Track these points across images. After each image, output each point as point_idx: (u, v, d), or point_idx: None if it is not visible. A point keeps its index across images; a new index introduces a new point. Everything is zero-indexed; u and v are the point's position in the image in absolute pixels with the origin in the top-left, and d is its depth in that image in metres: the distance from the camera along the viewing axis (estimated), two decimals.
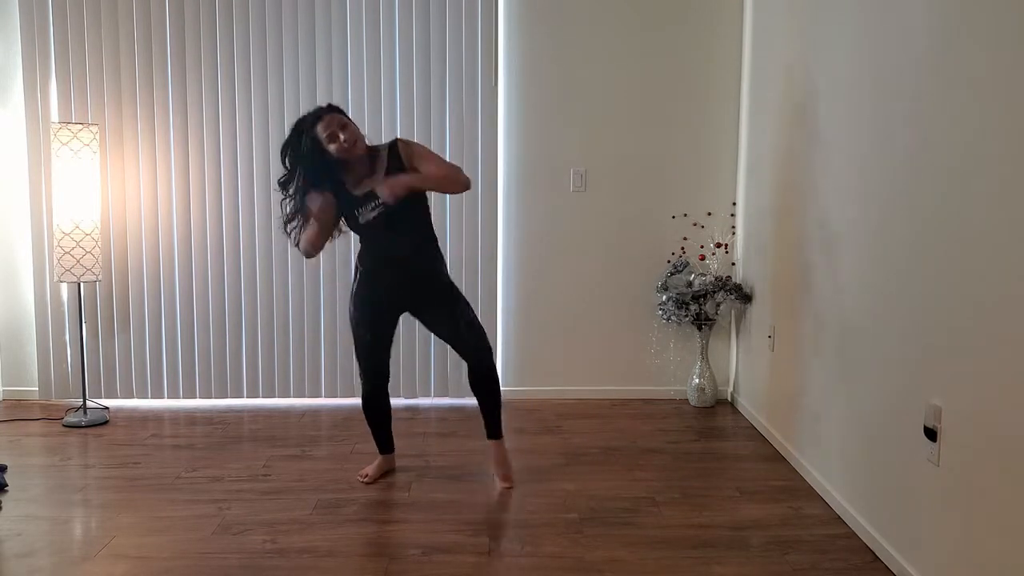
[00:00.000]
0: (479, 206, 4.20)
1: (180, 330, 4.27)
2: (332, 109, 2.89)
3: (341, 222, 3.01)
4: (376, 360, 3.08)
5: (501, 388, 3.12)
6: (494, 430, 3.13)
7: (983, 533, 1.95)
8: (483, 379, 3.05)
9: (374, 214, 2.89)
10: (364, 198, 2.90)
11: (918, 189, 2.29)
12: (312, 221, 2.88)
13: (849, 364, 2.78)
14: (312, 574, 2.41)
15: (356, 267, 3.07)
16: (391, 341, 3.10)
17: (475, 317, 3.07)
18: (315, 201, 2.86)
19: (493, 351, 3.12)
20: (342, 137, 2.81)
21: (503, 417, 3.15)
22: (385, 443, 3.22)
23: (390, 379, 3.16)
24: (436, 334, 3.15)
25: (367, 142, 2.93)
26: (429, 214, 3.05)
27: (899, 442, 2.38)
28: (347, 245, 4.24)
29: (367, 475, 3.16)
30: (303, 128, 2.84)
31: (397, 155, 2.93)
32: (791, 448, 3.34)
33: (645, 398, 4.32)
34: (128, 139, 4.15)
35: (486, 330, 3.09)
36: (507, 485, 3.08)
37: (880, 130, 2.54)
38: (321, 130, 2.81)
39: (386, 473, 3.21)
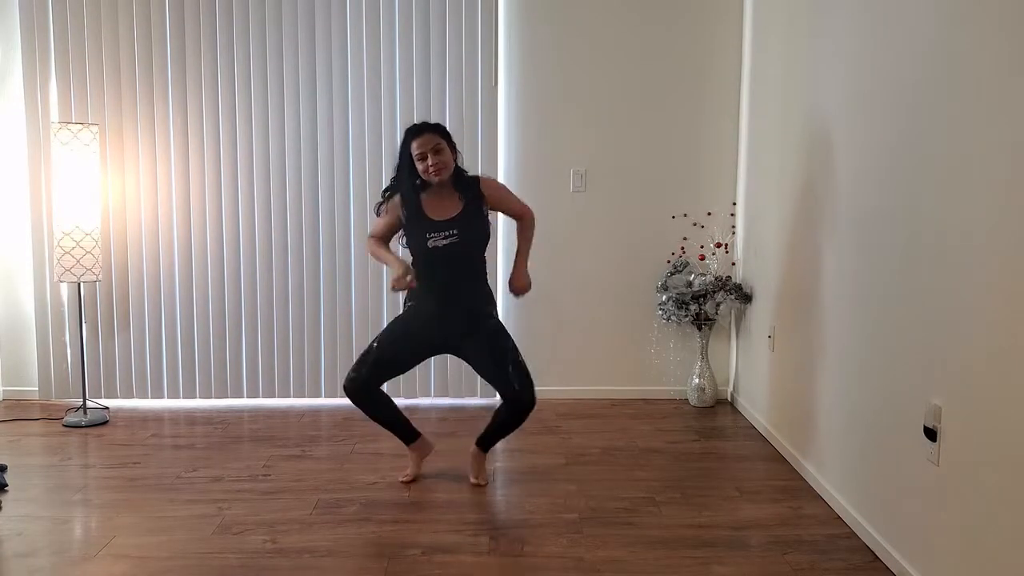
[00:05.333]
0: None
1: (180, 330, 4.27)
2: (434, 129, 2.91)
3: (401, 239, 3.04)
4: (384, 372, 3.03)
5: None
6: (489, 444, 3.13)
7: (983, 533, 1.95)
8: (520, 412, 2.99)
9: (446, 243, 2.90)
10: (439, 224, 2.91)
11: (918, 189, 2.29)
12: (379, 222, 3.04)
13: (849, 364, 2.78)
14: (312, 574, 2.41)
15: (405, 300, 3.07)
16: (407, 370, 3.16)
17: (521, 358, 3.01)
18: (386, 213, 3.01)
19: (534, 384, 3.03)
20: (430, 161, 2.86)
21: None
22: (406, 432, 3.14)
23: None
24: (479, 372, 3.08)
25: (462, 163, 3.01)
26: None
27: (899, 442, 2.37)
28: (346, 245, 4.24)
29: (409, 475, 3.13)
30: (406, 137, 2.93)
31: (479, 194, 2.99)
32: (791, 448, 3.34)
33: (645, 398, 4.32)
34: (128, 139, 4.16)
35: None
36: (481, 483, 3.09)
37: (880, 130, 2.54)
38: (415, 147, 2.88)
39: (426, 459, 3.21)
